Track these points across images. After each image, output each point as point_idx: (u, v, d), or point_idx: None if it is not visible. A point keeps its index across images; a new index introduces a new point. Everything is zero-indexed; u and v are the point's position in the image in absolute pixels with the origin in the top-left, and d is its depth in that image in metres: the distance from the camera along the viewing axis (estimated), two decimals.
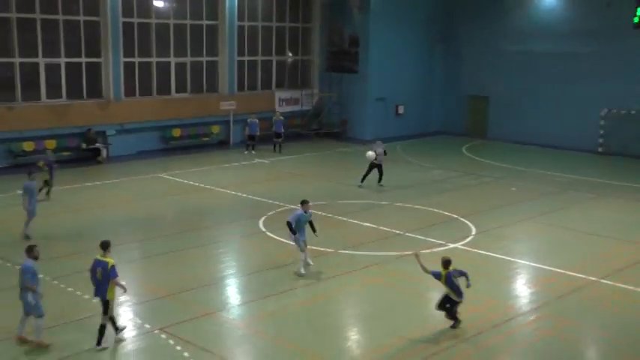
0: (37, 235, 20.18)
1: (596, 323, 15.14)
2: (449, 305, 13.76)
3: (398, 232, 21.04)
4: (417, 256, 14.14)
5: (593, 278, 17.40)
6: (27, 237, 20.18)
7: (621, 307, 15.80)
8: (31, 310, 12.89)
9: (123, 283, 13.69)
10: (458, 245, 19.99)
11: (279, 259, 18.41)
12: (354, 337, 14.48)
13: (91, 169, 29.54)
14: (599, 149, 35.31)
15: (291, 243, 17.32)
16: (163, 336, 13.82)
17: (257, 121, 34.78)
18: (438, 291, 17.01)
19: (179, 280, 16.94)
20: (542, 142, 37.00)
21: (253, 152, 34.25)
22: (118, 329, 13.49)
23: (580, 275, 17.53)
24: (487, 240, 20.55)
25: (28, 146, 30.12)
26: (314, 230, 17.59)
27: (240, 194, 25.73)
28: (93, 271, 13.28)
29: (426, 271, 13.83)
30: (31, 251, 13.03)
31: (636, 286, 16.85)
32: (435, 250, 19.18)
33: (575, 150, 35.77)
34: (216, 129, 36.38)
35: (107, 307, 13.18)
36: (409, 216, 23.00)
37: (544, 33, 37.29)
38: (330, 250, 19.19)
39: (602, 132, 35.43)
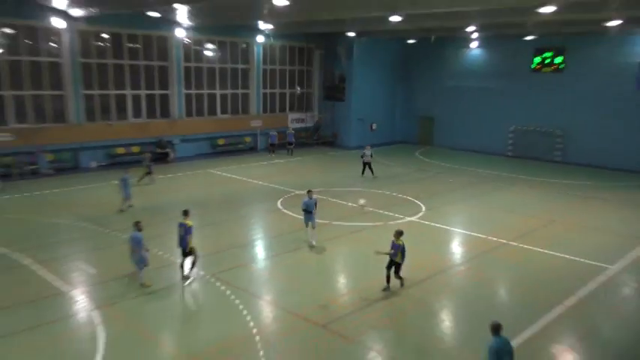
0: (129, 211, 20.27)
1: (505, 271, 15.31)
2: (394, 267, 13.28)
3: (371, 209, 21.13)
4: (377, 252, 13.50)
5: (504, 241, 17.51)
6: (121, 210, 20.33)
7: (522, 260, 15.95)
8: (137, 264, 13.27)
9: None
10: (412, 218, 20.08)
11: (291, 228, 18.51)
12: (342, 279, 14.61)
13: (163, 167, 29.58)
14: (509, 153, 35.43)
15: (302, 217, 17.31)
16: (212, 279, 13.94)
17: (276, 133, 35.25)
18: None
19: (222, 242, 17.05)
20: (470, 148, 37.07)
21: (273, 155, 34.30)
22: (193, 267, 14.15)
23: (495, 239, 17.66)
24: (432, 215, 20.65)
25: (120, 150, 30.09)
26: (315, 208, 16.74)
27: (264, 183, 25.78)
28: (178, 229, 13.99)
29: (388, 253, 13.22)
30: (137, 225, 13.33)
31: (533, 246, 17.00)
32: (397, 221, 19.25)
33: (492, 154, 35.85)
34: (247, 139, 36.36)
35: (186, 254, 13.88)
36: (380, 198, 23.08)
37: (471, 74, 37.45)
38: (326, 221, 19.26)
39: (510, 141, 35.52)
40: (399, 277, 13.37)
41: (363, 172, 27.81)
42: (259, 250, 16.90)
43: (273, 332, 11.29)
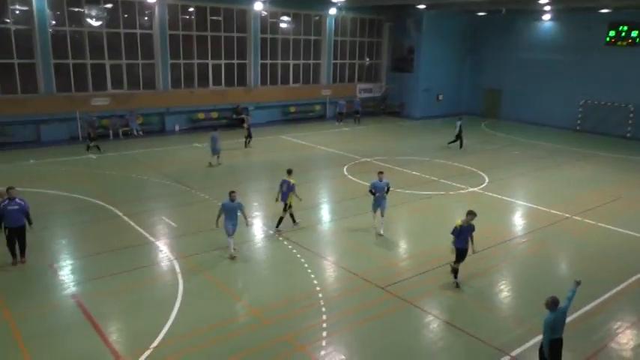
0: (209, 171, 20.86)
1: (567, 245, 14.47)
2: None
3: (434, 178, 20.57)
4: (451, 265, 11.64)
5: (568, 215, 16.57)
6: (210, 165, 21.54)
7: (585, 235, 15.04)
8: (228, 233, 12.64)
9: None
10: (475, 189, 19.37)
11: (355, 193, 18.37)
12: (403, 245, 14.39)
13: (239, 131, 30.11)
14: (577, 127, 33.26)
15: (366, 184, 17.06)
16: (280, 238, 14.13)
17: (344, 102, 34.83)
18: (457, 216, 16.65)
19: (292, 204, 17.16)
20: (538, 122, 35.05)
21: (341, 123, 34.00)
22: (295, 221, 14.86)
23: (559, 212, 16.75)
24: (495, 186, 19.82)
25: (200, 116, 30.88)
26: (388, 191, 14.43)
27: (331, 150, 25.69)
28: (281, 185, 14.59)
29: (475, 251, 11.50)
30: (230, 194, 12.57)
31: (597, 221, 15.98)
32: (459, 191, 18.65)
33: (561, 127, 33.81)
34: (317, 107, 36.24)
35: (286, 208, 14.55)
36: (443, 168, 22.42)
37: (542, 46, 35.13)
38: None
39: (580, 116, 33.28)
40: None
41: (461, 145, 26.61)
42: (324, 213, 16.90)
43: (335, 290, 11.32)
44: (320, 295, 11.00)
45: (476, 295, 11.31)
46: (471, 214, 11.23)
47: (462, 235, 11.20)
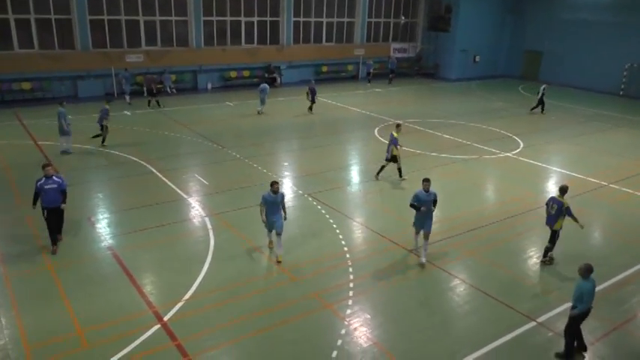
0: (241, 130, 20.98)
1: (602, 213, 14.11)
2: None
3: (468, 142, 20.18)
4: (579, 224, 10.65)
5: (605, 183, 16.12)
6: (258, 113, 23.10)
7: (620, 204, 14.62)
8: (271, 228, 10.89)
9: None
10: (509, 154, 18.96)
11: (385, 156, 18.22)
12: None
13: (271, 91, 30.08)
14: (621, 92, 31.83)
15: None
16: (310, 199, 14.23)
17: (372, 62, 34.11)
18: (488, 181, 16.41)
19: (320, 165, 17.20)
20: (579, 85, 33.71)
21: (369, 84, 33.46)
22: (401, 176, 15.76)
23: (595, 180, 16.30)
24: (530, 152, 19.34)
25: (233, 74, 30.87)
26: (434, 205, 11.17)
27: (363, 111, 25.39)
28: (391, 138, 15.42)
29: (581, 224, 10.69)
30: (273, 186, 10.44)
31: (635, 190, 15.49)
32: (492, 156, 18.28)
33: (603, 92, 32.46)
34: (350, 67, 35.66)
35: (395, 159, 15.52)
36: (477, 132, 21.94)
37: (587, 6, 33.41)
38: (420, 152, 18.77)
39: (624, 80, 31.79)
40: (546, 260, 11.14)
41: (542, 110, 26.16)
42: (354, 174, 16.86)
43: (362, 251, 11.42)
44: (347, 255, 11.13)
45: (504, 262, 11.23)
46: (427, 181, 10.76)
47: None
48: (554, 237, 10.96)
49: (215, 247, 11.31)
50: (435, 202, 11.00)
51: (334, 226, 12.56)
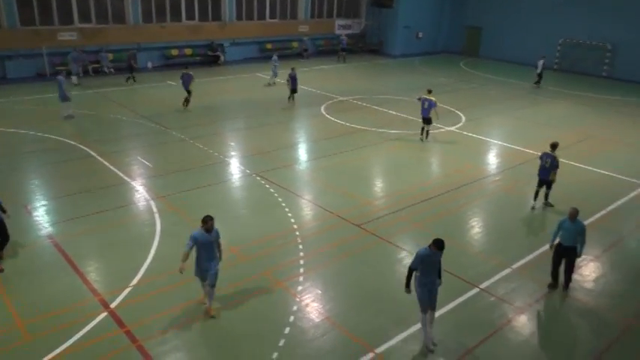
0: (184, 110, 20.43)
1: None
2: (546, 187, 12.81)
3: (412, 118, 20.56)
4: (553, 178, 12.75)
5: (540, 154, 16.83)
6: (268, 84, 24.86)
7: (559, 173, 15.33)
8: (204, 279, 8.34)
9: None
10: (451, 128, 19.48)
11: (331, 133, 18.31)
12: (378, 184, 14.53)
13: (214, 69, 29.36)
14: (555, 67, 33.20)
15: (342, 123, 16.83)
16: (257, 178, 14.12)
17: (345, 38, 34.17)
18: (432, 155, 16.82)
19: (267, 143, 17.06)
20: (517, 60, 34.85)
21: (341, 59, 33.48)
22: (427, 137, 17.52)
23: (531, 151, 17.01)
24: (471, 125, 19.95)
25: (174, 52, 29.85)
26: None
27: (308, 88, 25.24)
28: (423, 102, 17.31)
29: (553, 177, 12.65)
30: (206, 222, 8.07)
31: (569, 160, 16.31)
32: (435, 131, 18.71)
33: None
34: (295, 44, 35.24)
35: (429, 122, 17.35)
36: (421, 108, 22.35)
37: None
38: (366, 128, 18.95)
39: (557, 54, 33.15)
40: (548, 203, 12.97)
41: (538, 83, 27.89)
42: (301, 152, 16.84)
43: (312, 228, 11.50)
44: (297, 232, 11.17)
45: (448, 232, 11.62)
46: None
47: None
48: (550, 185, 12.77)
49: (161, 230, 11.05)
50: (439, 264, 7.83)
51: (283, 204, 12.54)
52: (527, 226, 12.24)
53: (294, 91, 22.10)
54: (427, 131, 17.67)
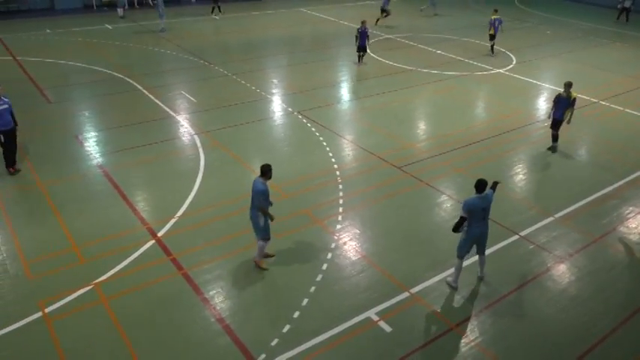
0: (227, 45, 20.27)
1: (589, 130, 14.15)
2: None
3: (460, 58, 19.74)
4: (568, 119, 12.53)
5: (595, 100, 16.04)
6: (376, 22, 23.71)
7: (609, 121, 14.65)
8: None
9: None
10: (501, 70, 18.65)
11: (377, 73, 17.87)
12: (421, 126, 14.25)
13: (256, 3, 28.70)
14: (618, 6, 30.76)
15: (390, 62, 16.41)
16: (299, 116, 14.08)
17: None
18: (479, 98, 16.27)
19: (309, 81, 16.86)
20: None
21: None
22: (492, 52, 18.15)
23: (586, 97, 16.18)
24: (522, 68, 19.03)
25: None
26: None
27: (353, 25, 24.38)
28: (493, 23, 19.52)
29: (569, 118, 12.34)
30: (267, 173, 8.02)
31: (624, 107, 15.47)
32: (484, 72, 17.98)
33: (602, 5, 31.42)
34: None
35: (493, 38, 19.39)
36: (470, 48, 21.40)
37: None
38: (412, 68, 18.38)
39: None
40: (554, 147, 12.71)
41: (618, 17, 27.91)
42: (344, 92, 16.58)
43: (352, 168, 11.50)
44: (337, 172, 11.20)
45: (491, 178, 11.37)
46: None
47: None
48: (559, 126, 12.40)
49: (205, 165, 11.30)
50: (489, 202, 7.67)
51: (324, 143, 12.52)
52: (575, 176, 11.84)
53: (362, 48, 18.52)
54: (492, 46, 20.27)
